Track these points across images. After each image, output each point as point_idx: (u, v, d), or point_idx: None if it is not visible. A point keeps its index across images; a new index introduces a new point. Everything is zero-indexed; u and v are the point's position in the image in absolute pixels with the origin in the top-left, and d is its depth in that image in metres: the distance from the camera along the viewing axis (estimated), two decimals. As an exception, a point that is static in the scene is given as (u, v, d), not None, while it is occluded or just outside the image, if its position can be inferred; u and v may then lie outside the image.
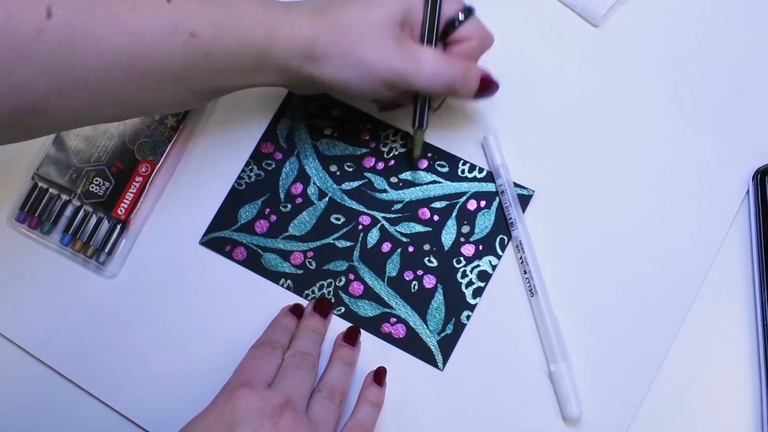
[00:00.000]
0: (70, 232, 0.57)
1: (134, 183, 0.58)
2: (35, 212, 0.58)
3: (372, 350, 0.54)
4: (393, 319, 0.54)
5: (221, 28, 0.47)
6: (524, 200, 0.56)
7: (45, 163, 0.58)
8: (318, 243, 0.56)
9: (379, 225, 0.56)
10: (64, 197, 0.58)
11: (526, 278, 0.53)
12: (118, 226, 0.57)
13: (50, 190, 0.58)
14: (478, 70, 0.53)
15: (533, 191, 0.56)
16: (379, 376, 0.52)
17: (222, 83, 0.50)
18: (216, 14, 0.47)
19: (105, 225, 0.57)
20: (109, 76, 0.45)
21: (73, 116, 0.46)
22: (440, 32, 0.52)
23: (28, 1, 0.41)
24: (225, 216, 0.58)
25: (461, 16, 0.52)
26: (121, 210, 0.57)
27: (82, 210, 0.58)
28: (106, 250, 0.57)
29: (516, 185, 0.56)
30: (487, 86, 0.53)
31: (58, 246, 0.58)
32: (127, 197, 0.57)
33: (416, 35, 0.52)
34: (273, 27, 0.48)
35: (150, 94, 0.48)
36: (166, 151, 0.58)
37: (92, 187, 0.58)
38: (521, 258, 0.54)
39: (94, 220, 0.58)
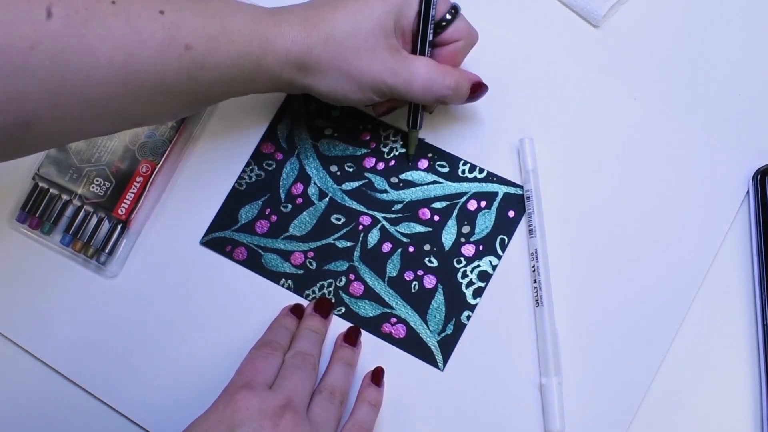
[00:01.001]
0: (70, 233, 0.58)
1: (135, 183, 0.58)
2: (36, 212, 0.58)
3: (372, 350, 0.54)
4: (393, 320, 0.55)
5: (215, 40, 0.47)
6: (520, 200, 0.56)
7: (46, 163, 0.58)
8: (318, 243, 0.57)
9: (379, 225, 0.57)
10: (65, 197, 0.58)
11: (535, 287, 0.53)
12: (119, 226, 0.57)
13: (51, 190, 0.58)
14: (469, 77, 0.53)
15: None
16: (376, 376, 0.52)
17: (216, 93, 0.50)
18: (210, 27, 0.47)
19: (105, 225, 0.57)
20: (104, 90, 0.44)
21: (66, 130, 0.46)
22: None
23: (22, 14, 0.41)
24: (225, 216, 0.58)
25: (448, 16, 0.52)
26: (121, 210, 0.57)
27: (83, 210, 0.58)
28: (107, 250, 0.57)
29: (511, 184, 0.56)
30: (477, 91, 0.54)
31: (58, 246, 0.58)
32: (127, 197, 0.57)
33: (408, 38, 0.52)
34: (266, 39, 0.48)
35: (144, 107, 0.47)
36: (167, 151, 0.58)
37: (93, 187, 0.58)
38: (534, 267, 0.54)
39: (94, 220, 0.58)
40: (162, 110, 0.49)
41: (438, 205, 0.57)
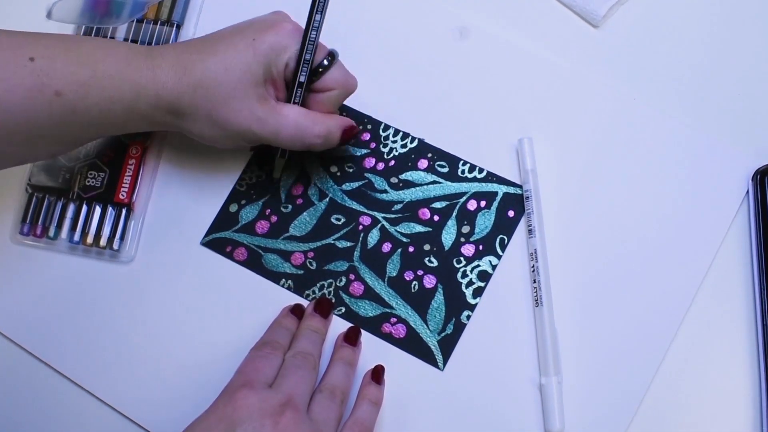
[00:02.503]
0: (77, 230, 0.57)
1: (128, 166, 0.58)
2: (38, 221, 0.58)
3: (372, 350, 0.54)
4: (393, 319, 0.55)
5: (86, 86, 0.47)
6: (519, 200, 0.56)
7: (35, 173, 0.58)
8: (318, 243, 0.57)
9: (379, 225, 0.57)
10: (63, 199, 0.58)
11: (535, 287, 0.53)
12: (124, 210, 0.58)
13: (47, 196, 0.58)
14: (340, 124, 0.53)
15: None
16: (377, 374, 0.52)
17: (93, 135, 0.52)
18: (80, 73, 0.47)
19: (110, 213, 0.58)
20: None
21: None
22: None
23: None
24: (226, 217, 0.58)
25: (326, 62, 0.52)
26: (122, 195, 0.58)
27: (84, 206, 0.58)
28: (118, 235, 0.57)
29: (510, 184, 0.56)
30: (348, 136, 0.54)
31: (68, 247, 0.57)
32: (125, 181, 0.58)
33: (280, 86, 0.52)
34: (138, 84, 0.49)
35: (21, 148, 0.49)
36: None
37: (88, 181, 0.58)
38: (533, 267, 0.54)
39: (98, 211, 0.58)
40: (40, 151, 0.51)
41: (438, 205, 0.57)
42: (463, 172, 0.57)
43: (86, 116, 0.48)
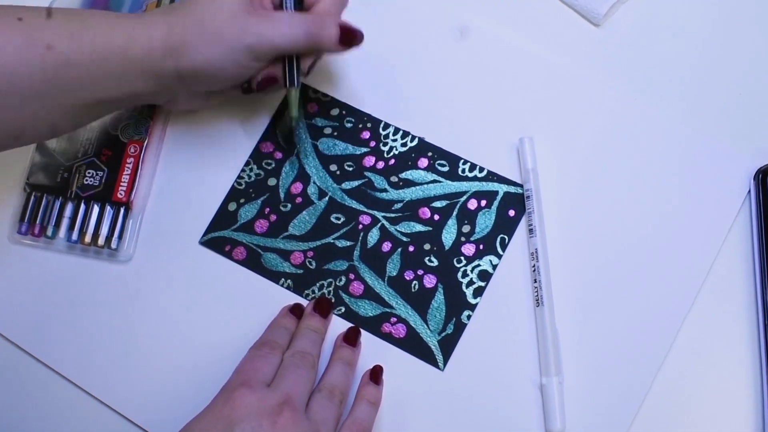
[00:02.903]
0: (75, 229, 0.57)
1: (127, 165, 0.58)
2: (36, 220, 0.57)
3: (372, 350, 0.54)
4: (393, 319, 0.54)
5: (77, 37, 0.48)
6: (520, 199, 0.56)
7: (33, 171, 0.58)
8: (318, 242, 0.56)
9: (379, 224, 0.56)
10: (62, 198, 0.58)
11: (535, 287, 0.53)
12: (122, 209, 0.57)
13: (45, 195, 0.58)
14: (335, 18, 0.53)
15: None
16: (375, 374, 0.52)
17: (89, 95, 0.50)
18: (70, 26, 0.48)
19: (108, 212, 0.57)
20: None
21: None
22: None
23: None
24: (224, 216, 0.57)
25: None
26: (120, 193, 0.57)
27: (82, 205, 0.58)
28: (116, 234, 0.57)
29: (511, 183, 0.56)
30: (349, 36, 0.53)
31: (66, 246, 0.57)
32: (123, 180, 0.58)
33: (267, 4, 0.53)
34: (129, 29, 0.49)
35: (17, 113, 0.48)
36: (150, 125, 0.59)
37: (86, 180, 0.58)
38: (534, 266, 0.53)
39: (96, 210, 0.57)
40: (38, 118, 0.49)
41: (438, 204, 0.56)
42: (463, 171, 0.57)
43: (80, 69, 0.48)
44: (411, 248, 0.56)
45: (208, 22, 0.50)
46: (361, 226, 0.56)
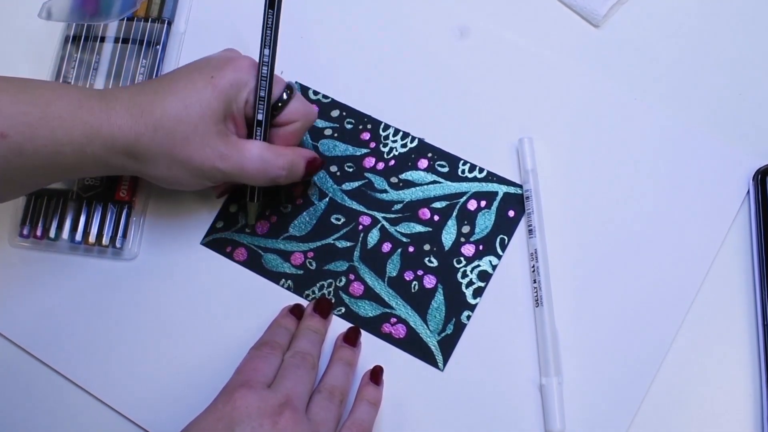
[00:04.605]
0: (78, 230, 0.57)
1: None
2: (38, 222, 0.58)
3: (372, 350, 0.54)
4: (393, 320, 0.54)
5: (34, 128, 0.46)
6: (519, 200, 0.56)
7: None
8: (318, 243, 0.56)
9: (379, 225, 0.56)
10: (63, 200, 0.58)
11: (535, 287, 0.53)
12: (125, 208, 0.58)
13: (46, 197, 0.58)
14: (304, 155, 0.53)
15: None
16: (375, 375, 0.52)
17: (41, 179, 0.50)
18: (29, 114, 0.46)
19: (111, 211, 0.58)
20: None
21: None
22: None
23: None
24: (226, 217, 0.58)
25: (285, 96, 0.52)
26: (123, 192, 0.58)
27: (84, 205, 0.58)
28: (120, 233, 0.57)
29: (510, 184, 0.56)
30: (312, 168, 0.54)
31: (69, 248, 0.57)
32: (125, 179, 0.58)
33: (240, 123, 0.52)
34: (91, 126, 0.48)
35: None
36: None
37: (87, 181, 0.58)
38: (534, 267, 0.54)
39: (99, 210, 0.58)
40: None
41: (438, 204, 0.57)
42: (463, 171, 0.57)
43: (34, 159, 0.47)
44: (411, 249, 0.56)
45: (180, 146, 0.49)
46: (361, 227, 0.57)
